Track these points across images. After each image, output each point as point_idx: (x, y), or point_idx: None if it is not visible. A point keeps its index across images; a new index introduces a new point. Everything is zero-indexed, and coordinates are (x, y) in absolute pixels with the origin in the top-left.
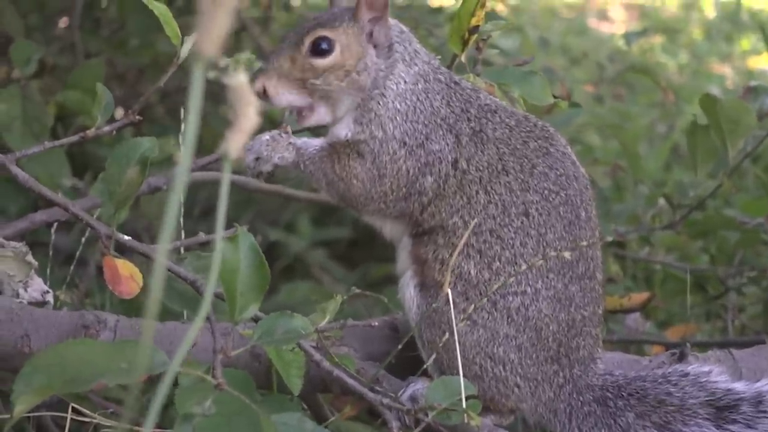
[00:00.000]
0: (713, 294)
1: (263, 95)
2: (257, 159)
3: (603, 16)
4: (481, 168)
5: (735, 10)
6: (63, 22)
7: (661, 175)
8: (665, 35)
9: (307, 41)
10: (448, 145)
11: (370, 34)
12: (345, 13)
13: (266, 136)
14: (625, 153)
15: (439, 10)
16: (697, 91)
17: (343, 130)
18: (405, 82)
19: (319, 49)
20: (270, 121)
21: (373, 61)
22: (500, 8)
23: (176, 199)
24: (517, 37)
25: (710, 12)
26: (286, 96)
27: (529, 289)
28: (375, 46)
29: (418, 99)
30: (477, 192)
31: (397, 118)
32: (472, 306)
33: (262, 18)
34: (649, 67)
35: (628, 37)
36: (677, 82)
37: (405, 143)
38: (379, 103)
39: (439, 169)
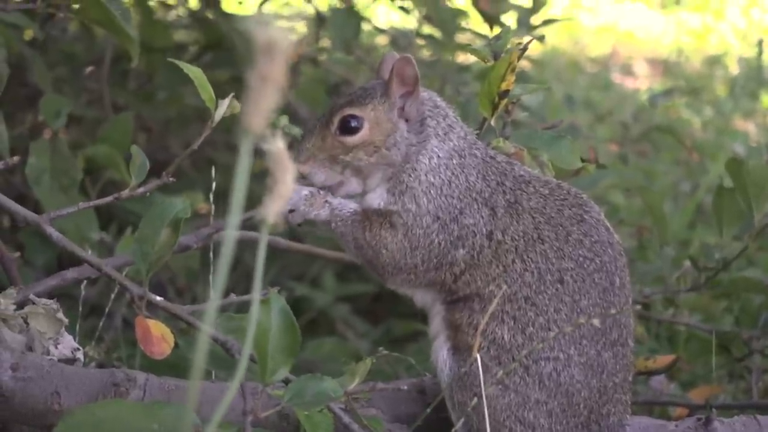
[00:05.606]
0: (737, 356)
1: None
2: (292, 211)
3: (627, 71)
4: (516, 237)
5: (758, 66)
6: (91, 75)
7: (685, 233)
8: (689, 93)
9: (336, 120)
10: (483, 218)
11: (402, 109)
12: (377, 89)
13: (305, 191)
14: (650, 214)
15: (466, 68)
16: (721, 149)
17: (376, 200)
18: (438, 156)
19: (348, 127)
20: None
21: (403, 137)
22: (525, 63)
23: (223, 268)
24: (542, 93)
25: (734, 68)
26: (319, 175)
27: (561, 355)
28: (407, 121)
29: (452, 174)
30: (513, 261)
31: (431, 192)
32: (502, 370)
33: (289, 73)
34: (673, 126)
35: (653, 98)
36: (701, 138)
37: (438, 217)
38: (411, 176)
39: (473, 242)
